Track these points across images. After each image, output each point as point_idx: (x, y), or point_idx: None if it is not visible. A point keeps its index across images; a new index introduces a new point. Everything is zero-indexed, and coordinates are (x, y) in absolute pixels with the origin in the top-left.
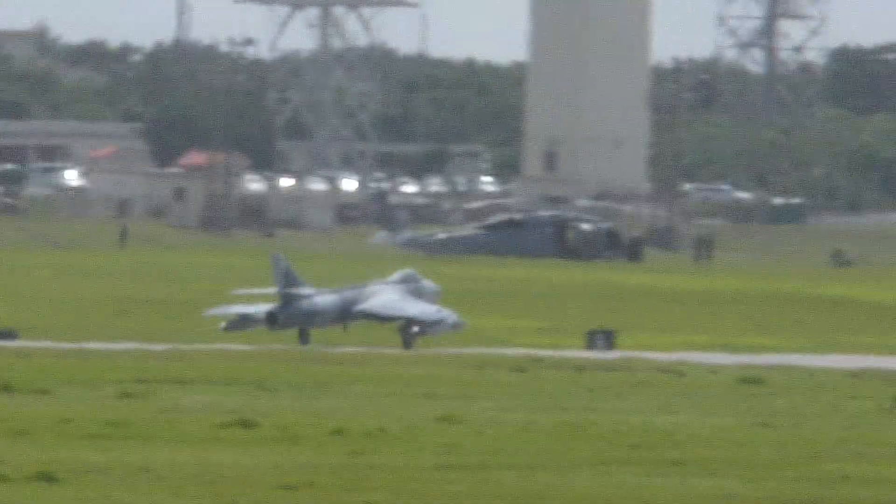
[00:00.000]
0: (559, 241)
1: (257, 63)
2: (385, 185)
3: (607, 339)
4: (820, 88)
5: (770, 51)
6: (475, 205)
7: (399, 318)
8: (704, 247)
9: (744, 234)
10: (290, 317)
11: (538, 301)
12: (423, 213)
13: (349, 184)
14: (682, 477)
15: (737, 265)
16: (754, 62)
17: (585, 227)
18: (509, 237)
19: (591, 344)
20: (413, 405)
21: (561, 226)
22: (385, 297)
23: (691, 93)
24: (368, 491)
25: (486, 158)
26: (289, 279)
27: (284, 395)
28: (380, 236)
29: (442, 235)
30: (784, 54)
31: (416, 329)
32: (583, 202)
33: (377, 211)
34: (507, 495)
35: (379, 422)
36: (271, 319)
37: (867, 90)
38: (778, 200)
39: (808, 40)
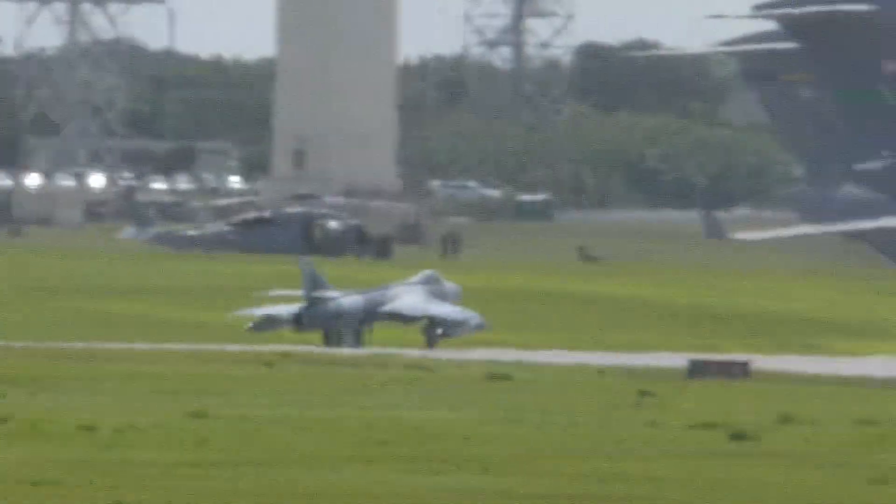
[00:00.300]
0: (307, 239)
1: (3, 60)
2: (133, 182)
3: (356, 335)
4: (566, 86)
5: (517, 48)
6: (223, 202)
7: (423, 318)
8: (451, 244)
9: (491, 232)
10: (315, 318)
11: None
12: (171, 210)
13: (97, 180)
14: (431, 473)
15: (483, 262)
16: (502, 60)
17: (333, 224)
18: (258, 234)
19: (332, 341)
20: (164, 401)
21: (308, 223)
22: (409, 298)
23: (438, 90)
24: (116, 487)
25: (234, 156)
26: (315, 282)
27: (33, 391)
28: (128, 232)
29: (191, 232)
30: (531, 52)
31: (440, 330)
32: (331, 199)
33: (125, 207)
34: (255, 492)
35: (129, 418)
36: (297, 321)
37: (613, 87)
38: (525, 197)
39: (554, 38)
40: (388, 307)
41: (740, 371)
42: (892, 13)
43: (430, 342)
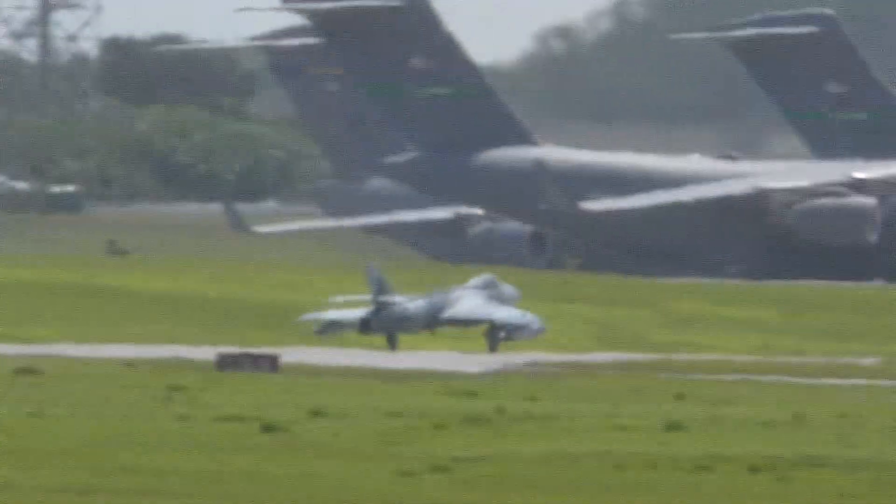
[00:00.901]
0: None
1: None
2: None
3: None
4: (94, 79)
5: (44, 40)
6: None
7: (485, 321)
8: None
9: (20, 224)
10: (382, 322)
11: None
12: None
13: None
14: None
15: (13, 255)
16: (29, 52)
17: None
18: None
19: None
20: None
21: None
22: (470, 302)
23: None
24: None
25: None
26: (381, 287)
27: None
28: None
29: None
30: (58, 44)
31: (502, 334)
32: None
33: None
34: None
35: None
36: (364, 325)
37: (141, 81)
38: (54, 190)
39: (82, 30)
40: (450, 312)
41: (269, 364)
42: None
43: (492, 346)
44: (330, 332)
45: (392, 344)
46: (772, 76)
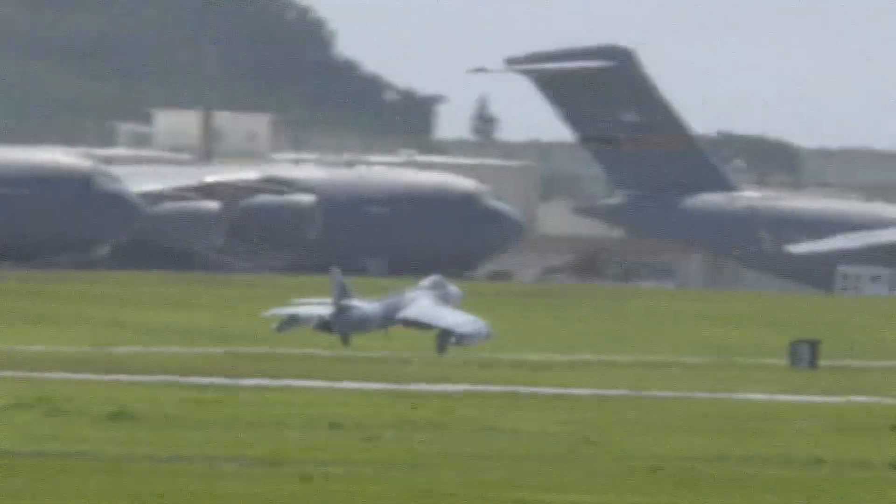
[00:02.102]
0: None
1: None
2: None
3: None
4: None
5: None
6: None
7: (437, 327)
8: None
9: None
10: (343, 324)
11: None
12: None
13: None
14: None
15: None
16: None
17: None
18: None
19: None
20: None
21: None
22: (421, 303)
23: None
24: None
25: None
26: (343, 291)
27: None
28: None
29: None
30: None
31: (452, 339)
32: None
33: None
34: None
35: None
36: (325, 326)
37: None
38: None
39: None
40: (403, 313)
41: None
42: None
43: (441, 348)
44: (289, 327)
45: (346, 342)
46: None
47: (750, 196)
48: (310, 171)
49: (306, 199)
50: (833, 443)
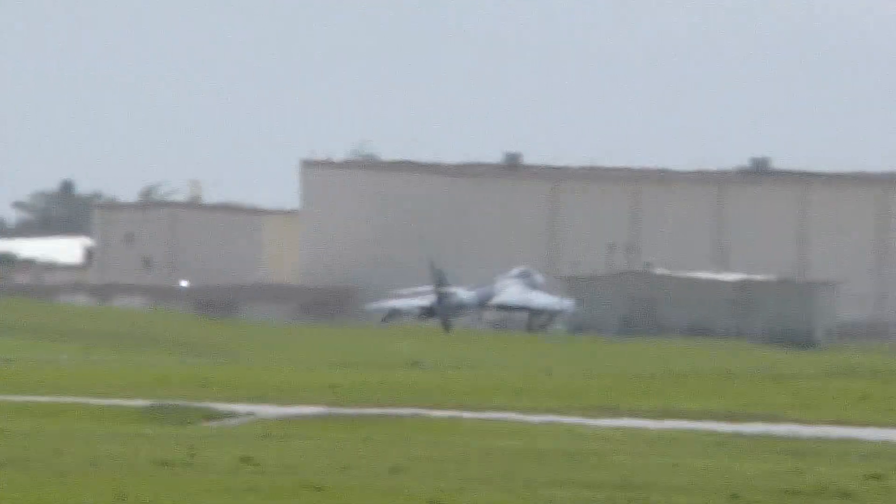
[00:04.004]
0: None
1: None
2: None
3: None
4: None
5: None
6: None
7: (528, 308)
8: None
9: None
10: (443, 309)
11: None
12: None
13: None
14: None
15: None
16: None
17: None
18: None
19: (448, 328)
20: None
21: None
22: (513, 290)
23: None
24: None
25: None
26: (441, 279)
27: None
28: None
29: None
30: None
31: (544, 318)
32: None
33: None
34: None
35: None
36: (429, 312)
37: None
38: None
39: None
40: (497, 299)
41: None
42: None
43: (531, 327)
44: (392, 319)
45: (447, 328)
46: None
47: None
48: None
49: None
50: None
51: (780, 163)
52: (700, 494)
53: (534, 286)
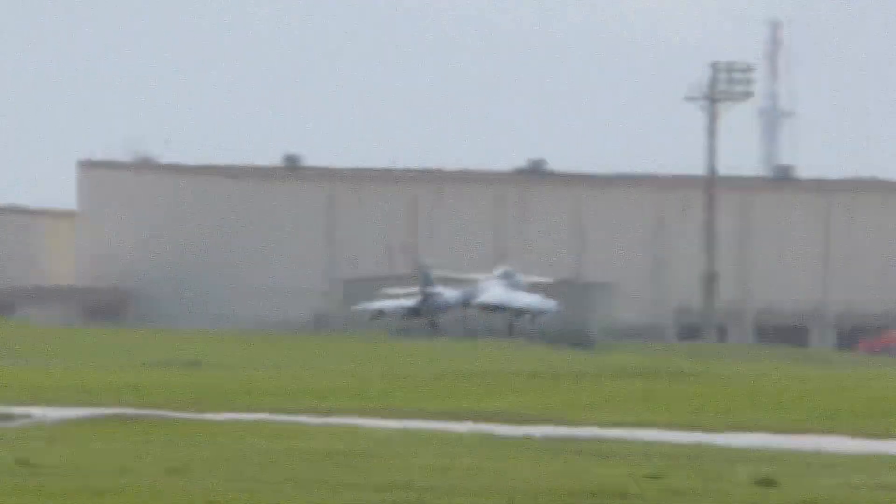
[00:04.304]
0: None
1: None
2: None
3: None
4: None
5: None
6: None
7: (511, 308)
8: None
9: None
10: (428, 309)
11: None
12: None
13: None
14: None
15: None
16: None
17: None
18: None
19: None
20: None
21: None
22: (496, 290)
23: None
24: None
25: None
26: (427, 280)
27: None
28: None
29: None
30: None
31: (528, 317)
32: None
33: None
34: None
35: None
36: (414, 312)
37: None
38: None
39: None
40: (480, 299)
41: None
42: None
43: (511, 329)
44: (378, 318)
45: (434, 328)
46: None
47: None
48: None
49: None
50: None
51: (555, 164)
52: (475, 497)
53: (516, 286)
